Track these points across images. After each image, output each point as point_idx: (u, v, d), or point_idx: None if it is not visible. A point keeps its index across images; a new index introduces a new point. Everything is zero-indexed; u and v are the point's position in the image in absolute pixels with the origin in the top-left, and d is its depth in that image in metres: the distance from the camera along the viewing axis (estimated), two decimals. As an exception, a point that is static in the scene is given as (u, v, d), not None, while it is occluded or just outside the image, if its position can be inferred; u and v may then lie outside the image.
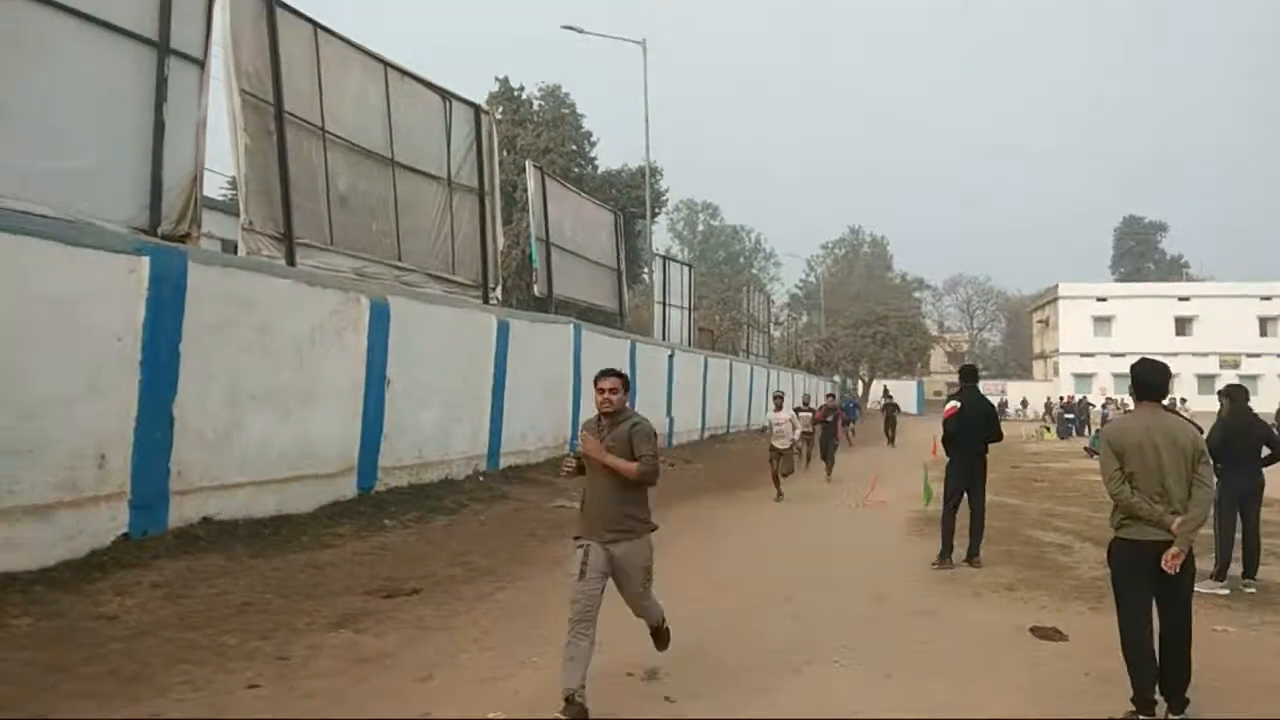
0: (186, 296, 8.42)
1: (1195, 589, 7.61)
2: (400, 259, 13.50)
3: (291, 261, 10.94)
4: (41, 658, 5.41)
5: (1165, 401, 5.73)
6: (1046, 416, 46.83)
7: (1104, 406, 40.09)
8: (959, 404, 10.08)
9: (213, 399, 8.80)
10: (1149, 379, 5.32)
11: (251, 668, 5.54)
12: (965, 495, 10.02)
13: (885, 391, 40.92)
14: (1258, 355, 64.23)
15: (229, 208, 17.76)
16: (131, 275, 7.95)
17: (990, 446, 10.26)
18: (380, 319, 11.23)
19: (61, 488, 7.21)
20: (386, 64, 13.63)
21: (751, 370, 35.11)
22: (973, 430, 10.01)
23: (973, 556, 9.83)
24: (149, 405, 7.99)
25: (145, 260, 8.06)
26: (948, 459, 10.32)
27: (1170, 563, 4.91)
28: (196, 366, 8.49)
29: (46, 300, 7.18)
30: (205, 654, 5.73)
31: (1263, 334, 65.82)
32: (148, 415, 7.97)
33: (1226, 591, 8.36)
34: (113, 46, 8.71)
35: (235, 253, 11.02)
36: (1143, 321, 65.48)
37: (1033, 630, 6.96)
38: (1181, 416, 5.92)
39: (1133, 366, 5.41)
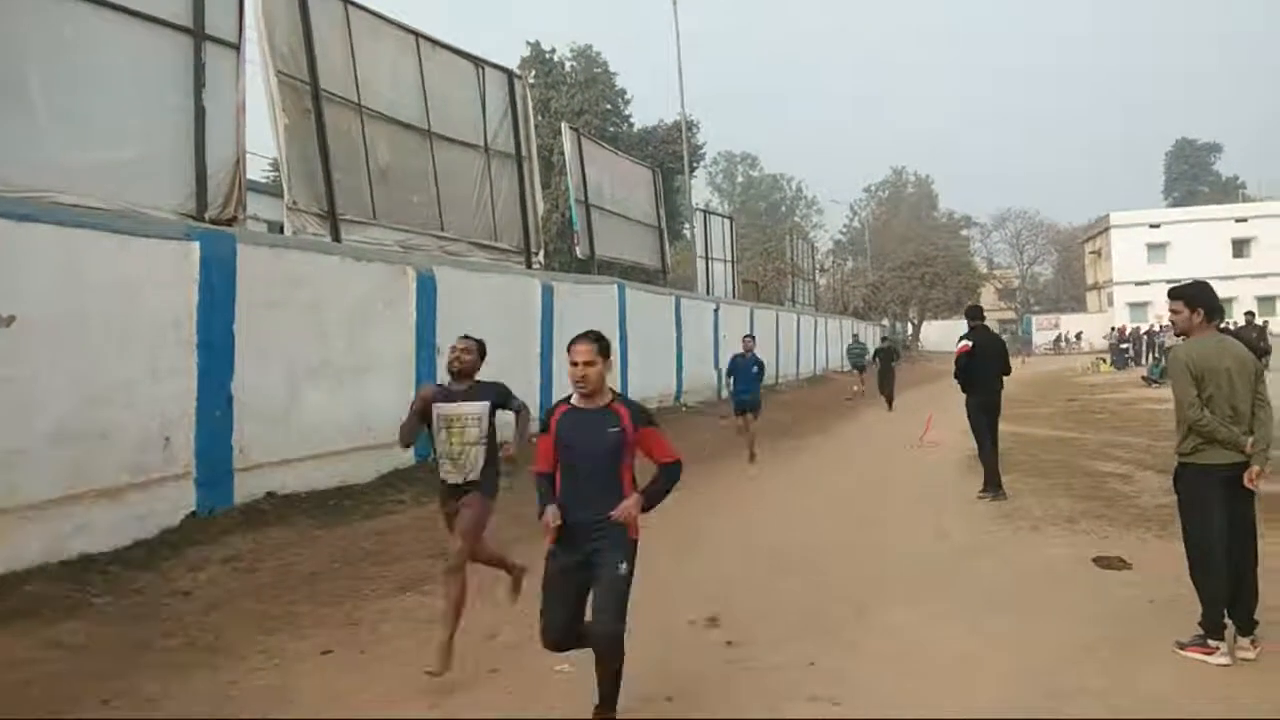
0: (237, 278, 8.57)
1: None
2: (443, 229, 13.59)
3: (337, 238, 11.08)
4: (123, 633, 5.62)
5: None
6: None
7: (1161, 334, 39.03)
8: (971, 342, 10.25)
9: (269, 377, 8.98)
10: (1215, 301, 5.24)
11: (323, 634, 5.70)
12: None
13: (883, 335, 34.74)
14: (1320, 274, 62.26)
15: (272, 189, 18.01)
16: (183, 260, 8.11)
17: (1046, 379, 10.24)
18: (427, 289, 11.34)
19: (130, 470, 7.44)
20: (418, 35, 13.63)
21: (798, 319, 34.89)
22: (988, 366, 10.19)
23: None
24: (208, 386, 8.18)
25: (195, 245, 8.22)
26: (967, 395, 10.34)
27: (1253, 481, 4.90)
28: (251, 346, 8.67)
29: (103, 290, 7.35)
30: (278, 623, 5.91)
31: (1325, 251, 63.73)
32: (207, 396, 8.17)
33: None
34: (151, 38, 8.82)
35: (281, 233, 11.18)
36: (1198, 246, 63.54)
37: (1095, 560, 6.93)
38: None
39: (1197, 289, 5.27)
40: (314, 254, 10.00)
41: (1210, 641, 4.91)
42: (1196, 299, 5.19)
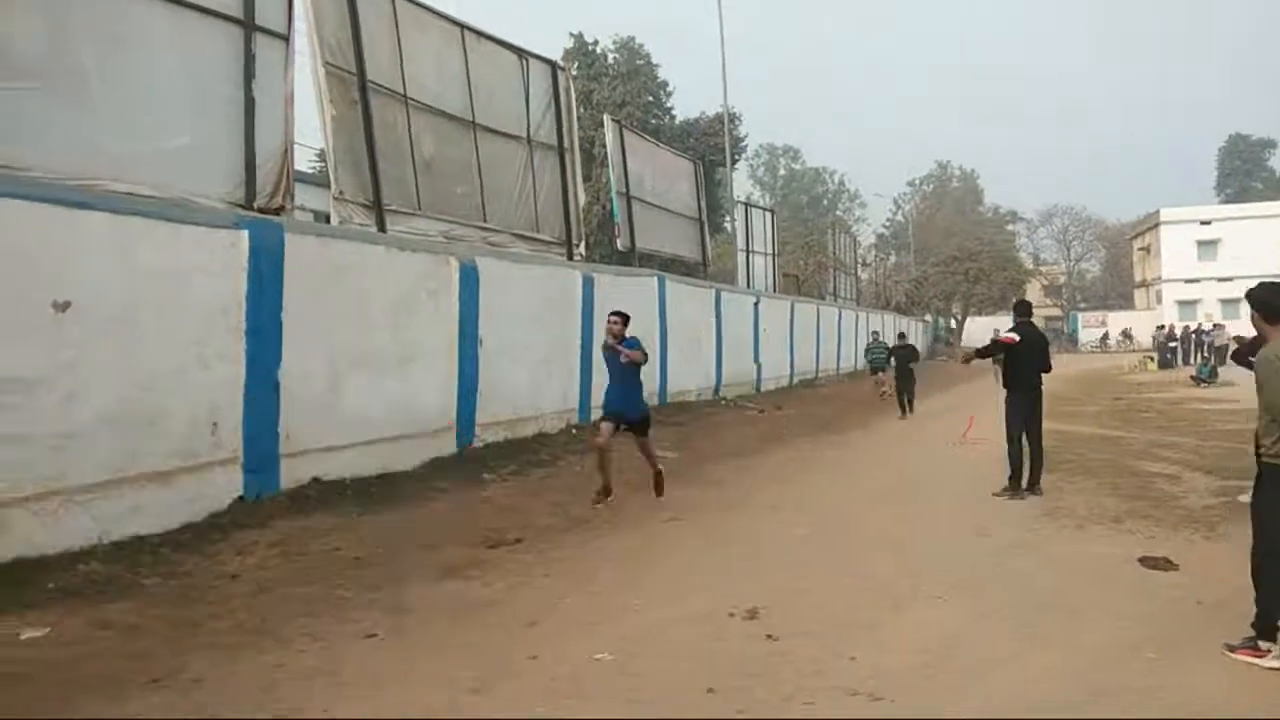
0: (285, 267, 8.69)
1: None
2: (486, 220, 13.68)
3: (382, 228, 11.19)
4: (172, 614, 5.73)
5: None
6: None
7: (1210, 332, 38.17)
8: (1018, 336, 10.08)
9: (315, 365, 9.11)
10: None
11: (368, 618, 5.77)
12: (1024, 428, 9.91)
13: (899, 332, 30.01)
14: (1379, 270, 60.73)
15: (319, 179, 18.21)
16: (232, 249, 8.23)
17: (1092, 377, 10.16)
18: (470, 280, 11.43)
19: (179, 455, 7.58)
20: (463, 26, 13.71)
21: (839, 313, 34.70)
22: (1030, 362, 10.06)
23: (1034, 485, 9.79)
24: (255, 373, 8.31)
25: (244, 234, 8.34)
26: (1006, 391, 10.17)
27: None
28: (298, 334, 8.79)
29: (154, 276, 7.49)
30: (322, 606, 5.99)
31: (1384, 248, 62.13)
32: (255, 383, 8.29)
33: None
34: (202, 28, 8.95)
35: (328, 223, 11.31)
36: (1251, 243, 62.19)
37: (1141, 560, 6.82)
38: None
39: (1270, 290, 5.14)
40: (359, 244, 10.12)
41: (1262, 644, 4.82)
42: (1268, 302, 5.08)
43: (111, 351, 7.11)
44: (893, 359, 21.88)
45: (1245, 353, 6.13)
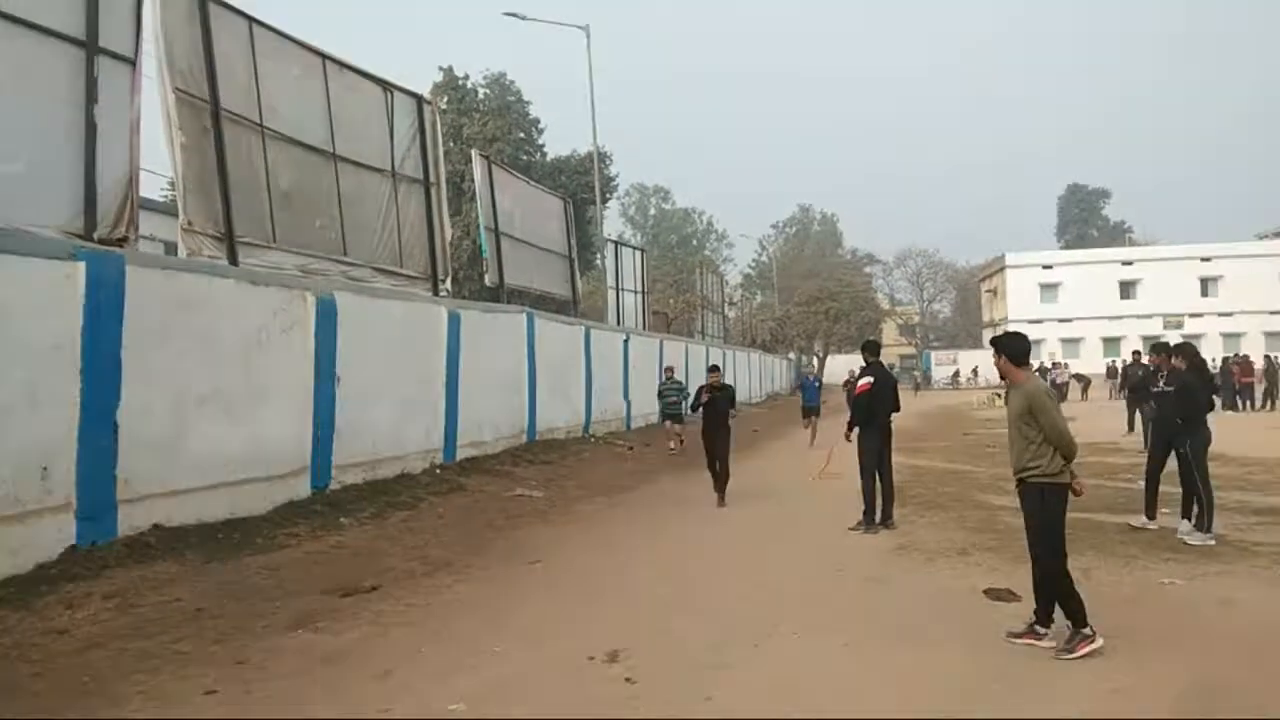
0: (126, 301, 8.24)
1: (1185, 540, 8.60)
2: (346, 254, 13.34)
3: (234, 261, 10.77)
4: (-12, 676, 5.30)
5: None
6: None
7: (1053, 370, 40.79)
8: (873, 379, 10.51)
9: (158, 404, 8.65)
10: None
11: (208, 673, 5.47)
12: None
13: (713, 368, 20.63)
14: (1200, 315, 65.75)
15: (170, 209, 17.42)
16: (67, 281, 7.76)
17: (943, 413, 10.67)
18: (327, 315, 11.09)
19: (4, 502, 7.04)
20: (325, 56, 13.41)
21: (707, 351, 35.19)
22: (884, 403, 10.52)
23: (887, 520, 10.22)
24: (91, 413, 7.82)
25: (81, 266, 7.87)
26: (860, 431, 10.62)
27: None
28: (140, 372, 8.33)
29: (-22, 311, 6.99)
30: (160, 662, 5.64)
31: (1204, 294, 67.41)
32: (90, 424, 7.80)
33: (1213, 542, 8.65)
34: (38, 47, 8.50)
35: (176, 254, 10.81)
36: (1088, 287, 66.80)
37: (986, 592, 7.12)
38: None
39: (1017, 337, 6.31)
40: (208, 276, 9.67)
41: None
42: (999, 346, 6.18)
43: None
44: (698, 409, 13.39)
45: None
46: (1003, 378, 6.39)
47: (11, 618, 6.29)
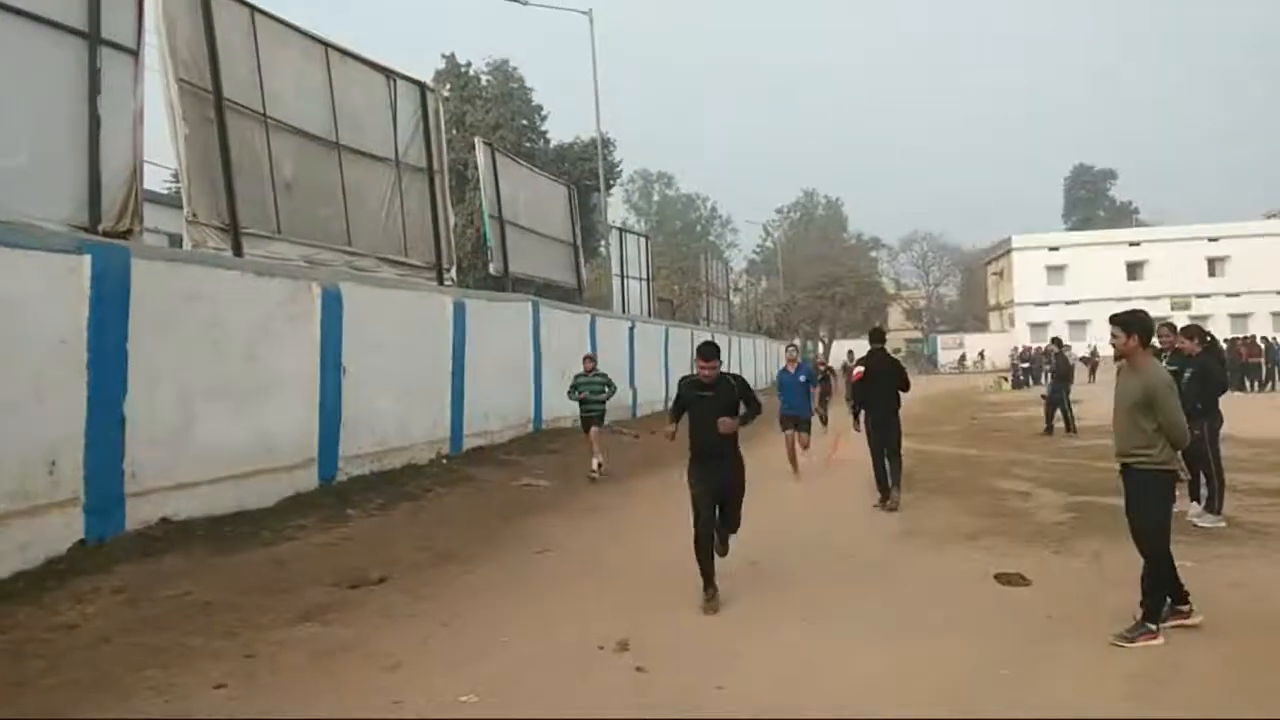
0: (131, 294, 8.24)
1: (1196, 522, 8.50)
2: (350, 244, 13.30)
3: (238, 252, 10.74)
4: (-1, 672, 5.30)
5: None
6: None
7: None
8: (864, 368, 10.78)
9: (164, 397, 8.64)
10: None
11: (218, 667, 5.46)
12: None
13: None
14: (1207, 295, 65.46)
15: (174, 201, 17.40)
16: (73, 275, 7.76)
17: (950, 397, 10.72)
18: (332, 306, 11.07)
19: (12, 497, 7.06)
20: (327, 45, 13.34)
21: (712, 337, 35.17)
22: (879, 389, 10.60)
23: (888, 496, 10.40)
24: (98, 407, 7.83)
25: (86, 259, 7.87)
26: (864, 417, 10.75)
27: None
28: (146, 365, 8.33)
29: (-16, 305, 6.98)
30: (169, 657, 5.64)
31: (1211, 274, 67.07)
32: (97, 417, 7.81)
33: (1224, 524, 8.65)
34: (41, 40, 8.44)
35: (181, 246, 10.79)
36: (1095, 268, 66.50)
37: (996, 577, 7.08)
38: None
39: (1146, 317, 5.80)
40: (213, 268, 9.66)
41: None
42: (1131, 325, 5.67)
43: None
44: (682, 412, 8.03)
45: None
46: (1119, 357, 5.86)
47: (21, 613, 6.31)
